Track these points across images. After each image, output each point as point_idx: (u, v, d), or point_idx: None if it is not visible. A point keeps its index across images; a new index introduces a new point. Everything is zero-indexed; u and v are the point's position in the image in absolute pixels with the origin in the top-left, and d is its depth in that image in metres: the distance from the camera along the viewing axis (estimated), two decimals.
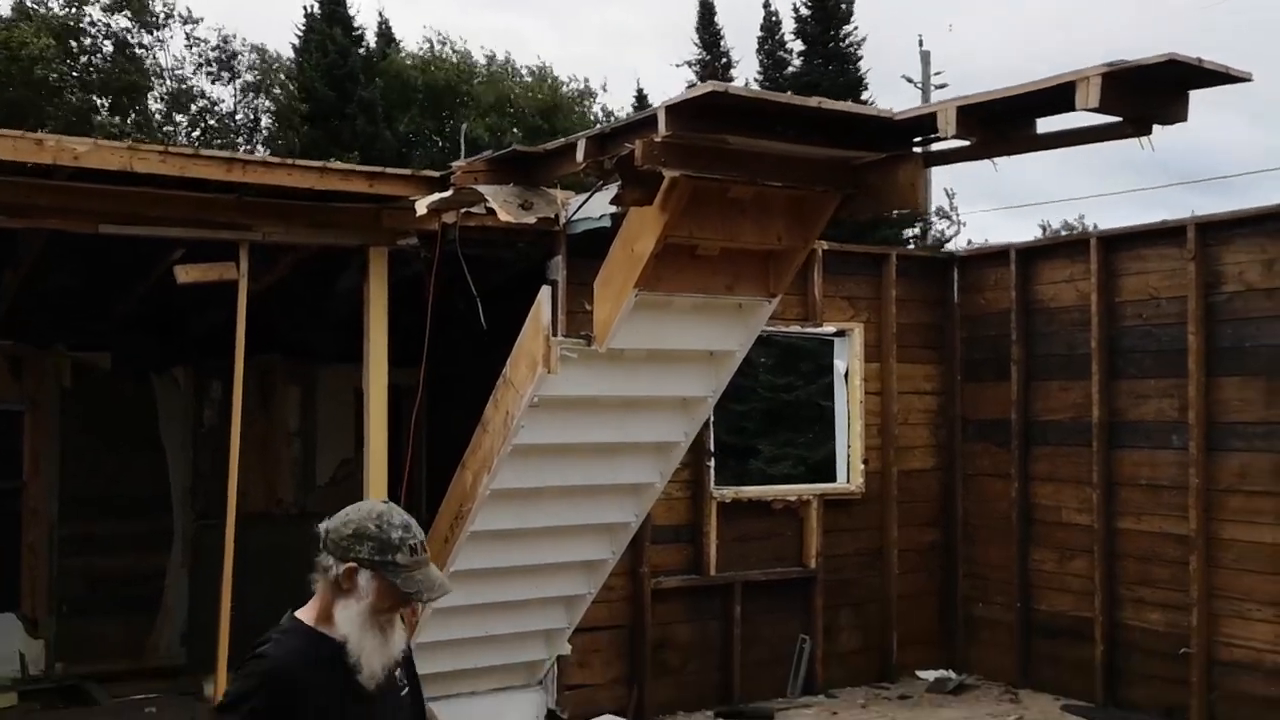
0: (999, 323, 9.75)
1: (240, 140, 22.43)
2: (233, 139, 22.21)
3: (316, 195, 6.26)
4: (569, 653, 7.96)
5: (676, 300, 5.84)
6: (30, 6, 19.64)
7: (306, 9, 22.10)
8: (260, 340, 7.36)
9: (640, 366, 6.25)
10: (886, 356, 9.82)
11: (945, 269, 10.32)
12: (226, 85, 22.26)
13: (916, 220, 19.54)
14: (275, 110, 22.31)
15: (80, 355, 9.58)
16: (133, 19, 20.65)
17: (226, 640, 6.30)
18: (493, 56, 27.43)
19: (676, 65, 26.24)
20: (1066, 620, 9.23)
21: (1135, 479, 8.80)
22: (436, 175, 6.24)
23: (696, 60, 22.82)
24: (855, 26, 20.18)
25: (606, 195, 5.76)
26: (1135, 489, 8.80)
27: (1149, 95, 4.23)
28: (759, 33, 21.21)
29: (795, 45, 20.76)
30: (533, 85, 26.82)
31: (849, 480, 9.83)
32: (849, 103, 5.21)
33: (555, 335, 5.97)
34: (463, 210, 6.28)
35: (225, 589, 6.32)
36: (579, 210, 6.52)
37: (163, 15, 21.15)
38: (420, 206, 6.07)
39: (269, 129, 22.69)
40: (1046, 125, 4.64)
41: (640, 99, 23.17)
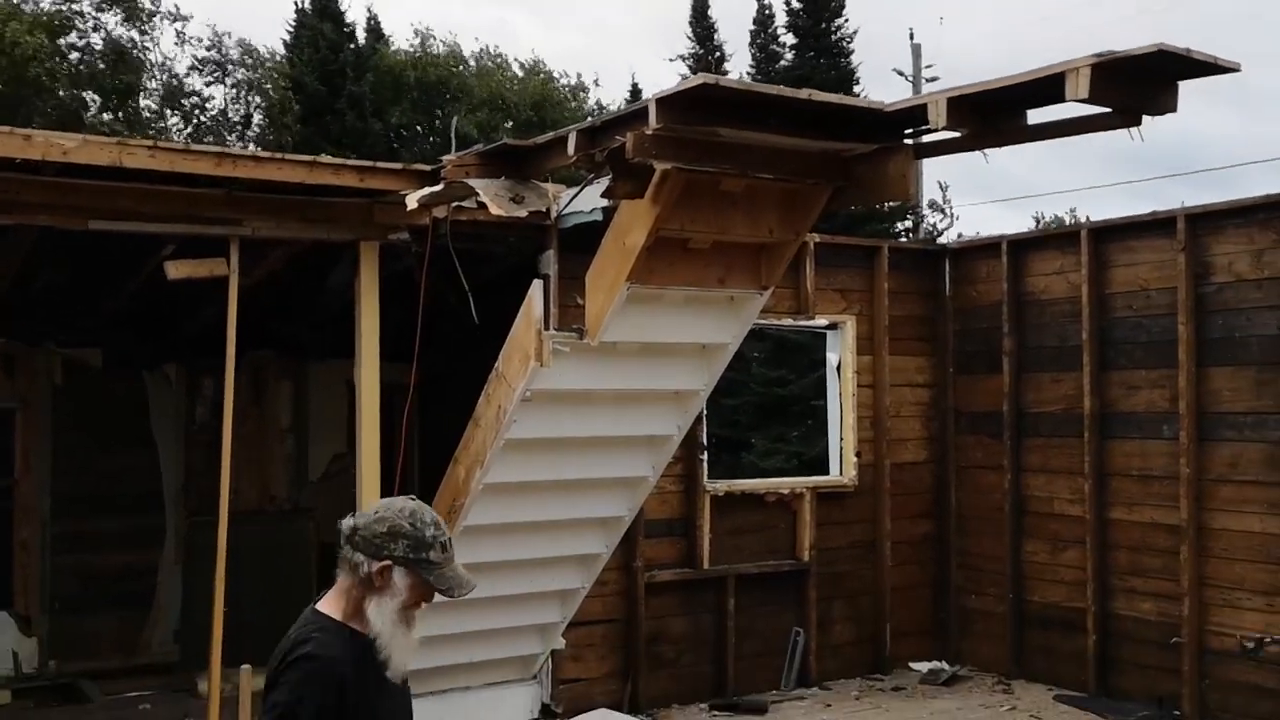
0: (991, 315, 9.76)
1: (233, 138, 22.39)
2: (224, 136, 22.17)
3: (307, 190, 6.25)
4: (563, 647, 7.98)
5: (668, 293, 5.85)
6: (17, 3, 19.56)
7: (297, 4, 22.07)
8: (252, 336, 7.36)
9: (632, 360, 6.26)
10: (879, 349, 9.83)
11: (937, 261, 10.33)
12: (217, 85, 22.24)
13: (908, 212, 19.56)
14: (266, 107, 22.26)
15: (71, 352, 9.55)
16: (124, 20, 20.59)
17: (220, 636, 6.30)
18: (485, 50, 27.44)
19: (670, 59, 26.37)
20: (1059, 611, 9.26)
21: (1127, 469, 8.83)
22: (427, 169, 6.23)
23: (690, 54, 22.82)
24: (846, 20, 20.21)
25: (598, 189, 5.77)
26: (1127, 479, 8.82)
27: (1138, 86, 4.25)
28: (752, 26, 21.24)
29: (788, 39, 20.78)
30: (525, 79, 26.79)
31: (842, 473, 9.85)
32: (840, 95, 5.21)
33: (547, 329, 5.98)
34: (454, 204, 6.28)
35: (218, 585, 6.31)
36: (570, 204, 6.52)
37: (149, 12, 21.08)
38: (411, 201, 6.06)
39: (260, 126, 22.65)
40: (1037, 117, 4.66)
41: (635, 93, 23.18)
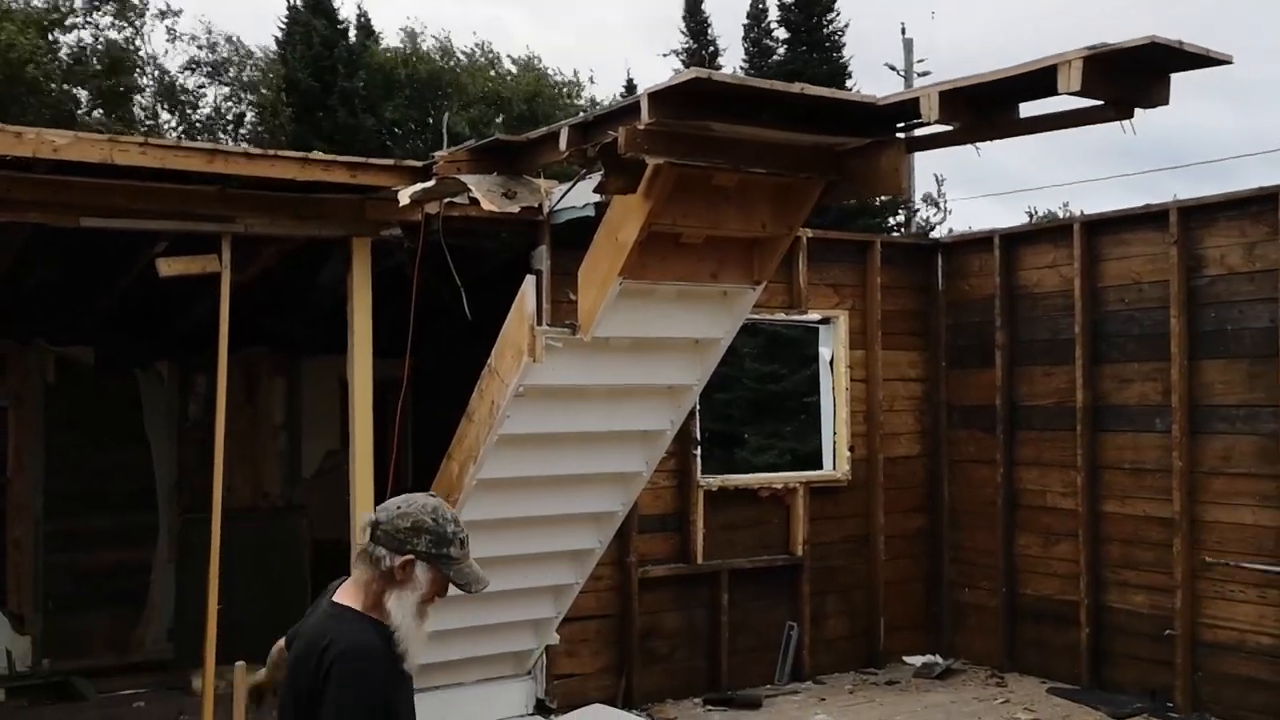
0: (983, 309, 9.77)
1: (226, 137, 22.36)
2: (218, 135, 22.14)
3: (299, 186, 6.24)
4: (557, 642, 7.97)
5: (661, 288, 5.85)
6: (8, 5, 19.51)
7: (289, 1, 22.00)
8: (245, 333, 7.34)
9: (625, 355, 6.26)
10: (871, 343, 9.83)
11: (930, 255, 10.34)
12: (212, 84, 22.21)
13: (900, 206, 19.58)
14: (258, 104, 22.23)
15: (63, 350, 9.53)
16: (115, 15, 20.54)
17: (214, 634, 6.29)
18: (479, 45, 27.42)
19: (663, 55, 26.29)
20: (1052, 604, 9.28)
21: (1119, 462, 8.84)
22: (419, 165, 6.22)
23: (683, 49, 22.82)
24: (838, 14, 20.23)
25: (590, 184, 5.76)
26: (1119, 472, 8.84)
27: (1131, 78, 4.25)
28: (745, 20, 21.24)
29: (781, 34, 20.79)
30: (519, 75, 26.77)
31: (835, 467, 9.85)
32: (832, 89, 5.22)
33: (540, 324, 5.97)
34: (446, 200, 6.27)
35: (212, 583, 6.30)
36: (563, 199, 6.52)
37: (139, 10, 21.03)
38: (403, 196, 6.06)
39: (252, 123, 22.62)
40: (1030, 110, 4.66)
41: (630, 89, 23.16)
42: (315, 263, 7.91)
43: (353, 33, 23.34)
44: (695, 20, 22.77)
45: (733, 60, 24.61)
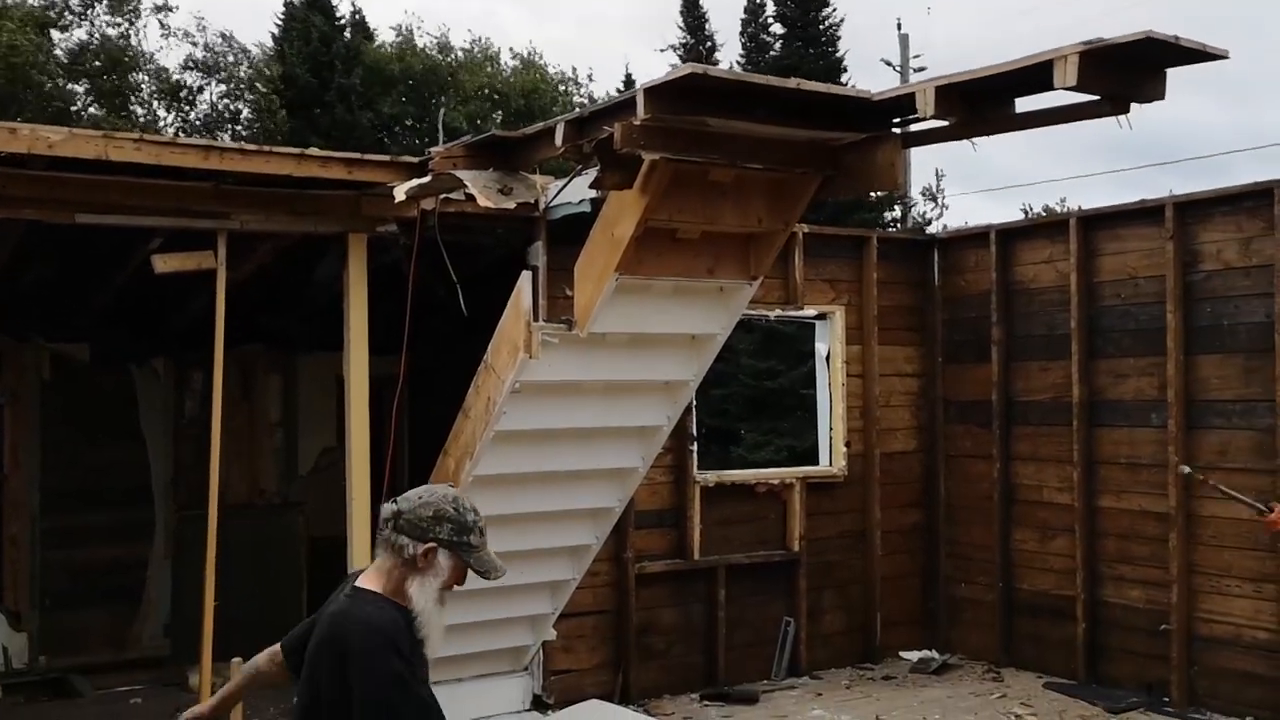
0: (979, 304, 9.78)
1: (224, 134, 22.33)
2: (215, 133, 22.11)
3: (295, 182, 6.24)
4: (554, 638, 7.97)
5: (657, 284, 5.85)
6: (4, 2, 19.46)
7: None
8: (240, 330, 7.34)
9: (622, 351, 6.25)
10: (868, 339, 9.83)
11: (926, 251, 10.34)
12: (209, 82, 22.17)
13: (896, 202, 19.58)
14: (253, 100, 22.20)
15: (59, 347, 9.51)
16: (109, 10, 20.50)
17: (210, 630, 6.30)
18: (477, 40, 27.36)
19: (660, 50, 26.20)
20: (1048, 599, 9.29)
21: (1115, 457, 8.85)
22: (415, 161, 6.22)
23: (681, 44, 22.81)
24: (834, 9, 20.22)
25: (586, 180, 5.76)
26: (1115, 467, 8.85)
27: (1126, 73, 4.25)
28: (743, 15, 21.23)
29: (777, 29, 20.77)
30: (517, 70, 26.74)
31: (831, 463, 9.86)
32: (828, 84, 5.21)
33: (536, 320, 5.97)
34: (441, 196, 6.27)
35: (208, 580, 6.31)
36: (558, 195, 6.52)
37: (134, 6, 20.99)
38: (399, 192, 6.05)
39: (249, 120, 22.59)
40: (1026, 105, 4.66)
41: (628, 84, 23.12)
42: (311, 259, 7.91)
43: (348, 30, 23.31)
44: (693, 15, 22.75)
45: (730, 55, 24.62)
